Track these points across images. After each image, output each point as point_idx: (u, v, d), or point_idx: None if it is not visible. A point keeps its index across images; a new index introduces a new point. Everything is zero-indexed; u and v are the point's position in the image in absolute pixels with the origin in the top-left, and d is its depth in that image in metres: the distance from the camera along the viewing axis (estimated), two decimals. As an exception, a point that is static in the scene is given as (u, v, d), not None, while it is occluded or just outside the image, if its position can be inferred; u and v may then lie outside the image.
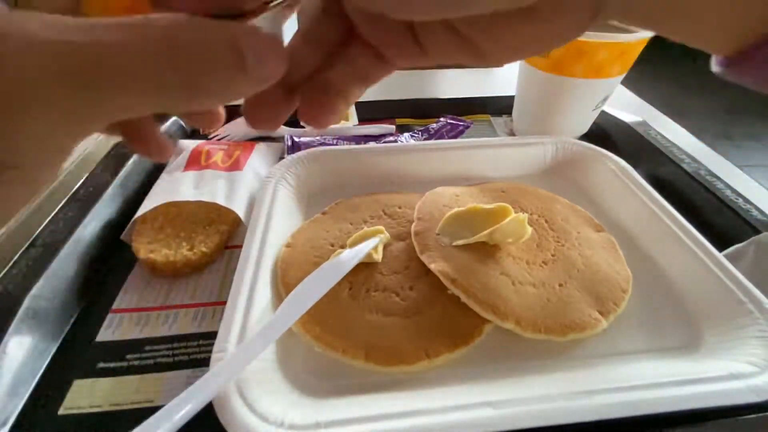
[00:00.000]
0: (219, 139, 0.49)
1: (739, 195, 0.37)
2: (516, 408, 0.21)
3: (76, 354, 0.27)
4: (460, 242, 0.29)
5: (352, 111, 0.54)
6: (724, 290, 0.27)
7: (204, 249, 0.33)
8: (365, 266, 0.29)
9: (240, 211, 0.35)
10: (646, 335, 0.28)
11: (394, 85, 0.72)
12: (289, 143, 0.46)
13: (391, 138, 0.49)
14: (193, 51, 0.11)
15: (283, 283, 0.29)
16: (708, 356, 0.25)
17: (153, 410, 0.19)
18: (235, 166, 0.40)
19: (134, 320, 0.29)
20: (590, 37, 0.39)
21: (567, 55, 0.41)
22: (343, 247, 0.30)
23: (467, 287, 0.26)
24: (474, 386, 0.24)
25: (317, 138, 0.48)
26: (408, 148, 0.42)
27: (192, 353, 0.27)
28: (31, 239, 0.31)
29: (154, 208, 0.34)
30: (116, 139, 0.41)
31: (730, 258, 0.30)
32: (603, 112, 0.51)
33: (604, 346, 0.27)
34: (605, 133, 0.51)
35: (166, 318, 0.29)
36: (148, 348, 0.27)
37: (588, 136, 0.50)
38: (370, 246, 0.29)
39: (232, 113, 0.52)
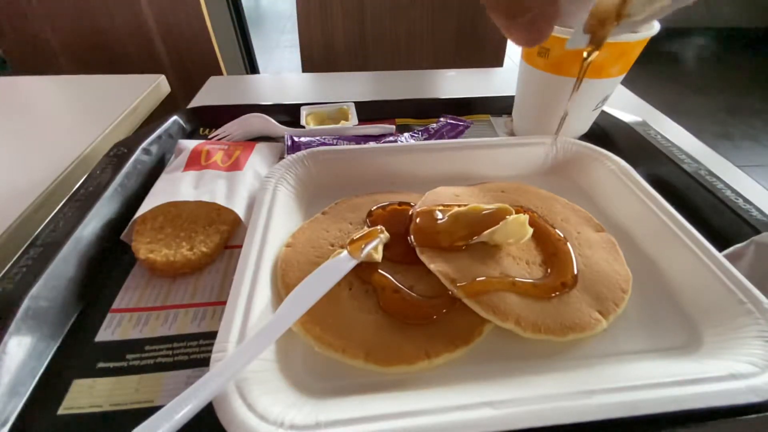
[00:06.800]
0: (219, 139, 0.49)
1: (739, 195, 0.37)
2: (516, 408, 0.21)
3: (75, 354, 0.27)
4: (461, 242, 0.29)
5: (353, 111, 0.54)
6: (724, 290, 0.27)
7: (204, 249, 0.33)
8: (365, 266, 0.29)
9: (240, 211, 0.35)
10: (646, 335, 0.28)
11: (394, 85, 0.72)
12: (289, 143, 0.46)
13: (391, 138, 0.49)
14: None
15: (283, 283, 0.29)
16: (708, 356, 0.25)
17: (153, 410, 0.19)
18: (235, 166, 0.40)
19: (134, 320, 0.29)
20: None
21: (567, 55, 0.41)
22: (343, 247, 0.30)
23: (467, 287, 0.26)
24: (474, 386, 0.24)
25: (317, 138, 0.48)
26: (408, 148, 0.42)
27: (192, 353, 0.27)
28: (31, 239, 0.31)
29: (154, 208, 0.34)
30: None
31: (730, 258, 0.30)
32: (603, 112, 0.50)
33: (604, 346, 0.27)
34: (605, 133, 0.51)
35: (165, 318, 0.29)
36: (147, 348, 0.27)
37: (588, 136, 0.50)
38: (370, 246, 0.29)
39: (233, 114, 0.52)
